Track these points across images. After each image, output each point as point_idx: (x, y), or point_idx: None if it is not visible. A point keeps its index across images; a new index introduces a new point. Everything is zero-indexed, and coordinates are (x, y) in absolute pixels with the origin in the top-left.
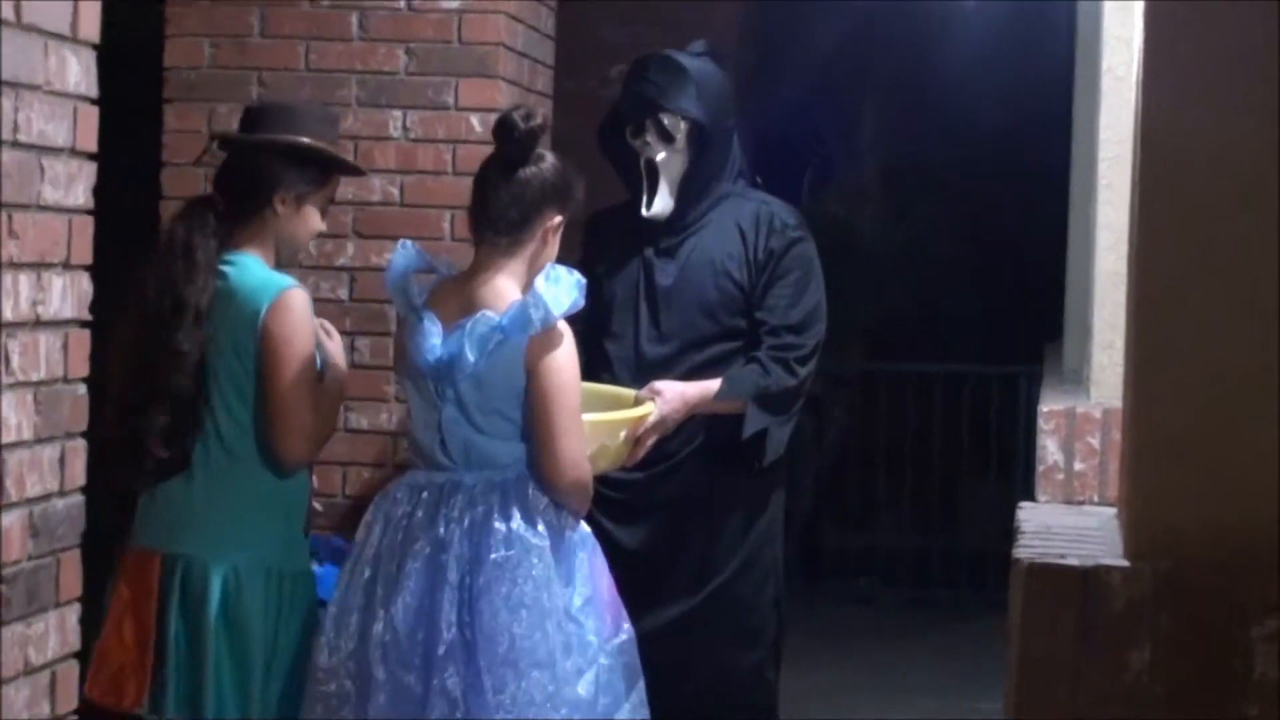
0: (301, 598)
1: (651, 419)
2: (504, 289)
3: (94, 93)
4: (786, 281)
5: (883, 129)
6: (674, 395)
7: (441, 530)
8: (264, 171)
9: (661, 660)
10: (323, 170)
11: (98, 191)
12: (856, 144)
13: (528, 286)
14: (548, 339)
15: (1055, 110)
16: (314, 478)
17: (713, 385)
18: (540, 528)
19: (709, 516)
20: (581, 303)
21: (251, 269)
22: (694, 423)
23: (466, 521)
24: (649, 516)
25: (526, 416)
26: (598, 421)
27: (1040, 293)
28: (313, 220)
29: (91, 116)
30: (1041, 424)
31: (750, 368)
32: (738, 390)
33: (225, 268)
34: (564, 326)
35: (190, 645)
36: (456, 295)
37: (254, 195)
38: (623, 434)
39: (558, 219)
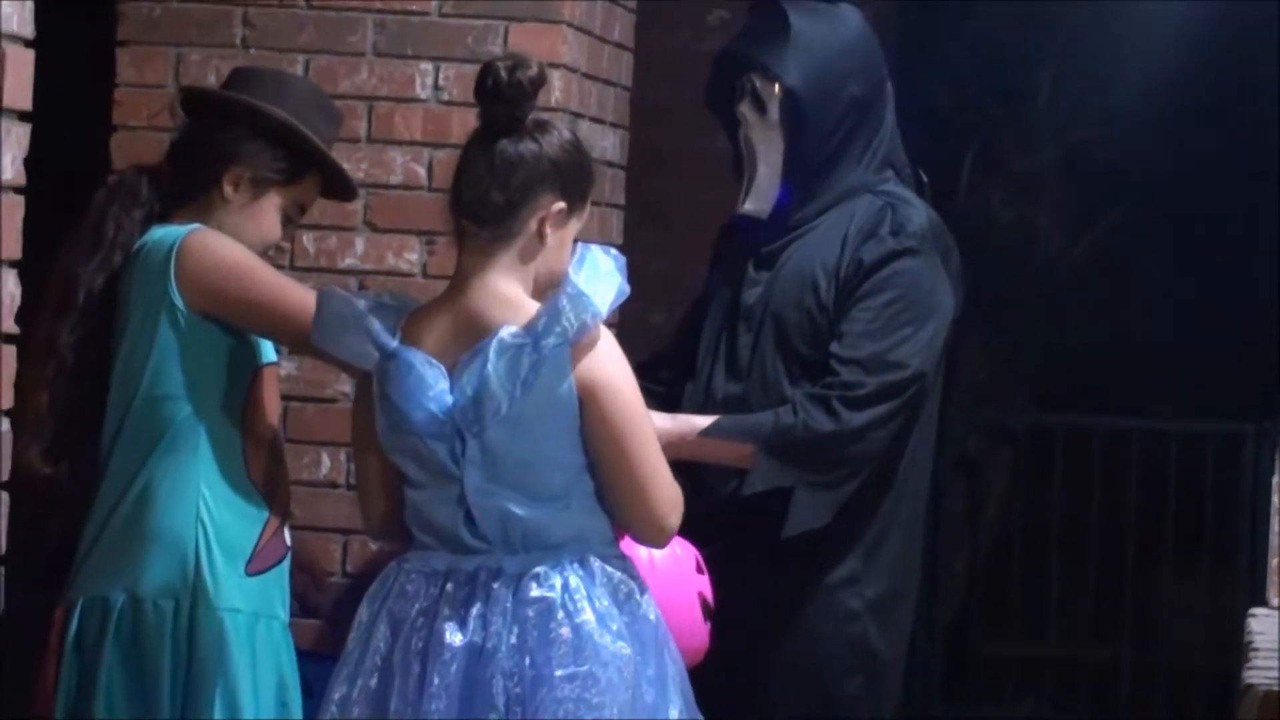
0: (228, 646)
1: None
2: (509, 293)
3: (28, 31)
4: (870, 305)
5: (1066, 102)
6: None
7: (479, 636)
8: (221, 139)
9: None
10: (296, 162)
11: (32, 163)
12: (1031, 121)
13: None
14: (593, 346)
15: None
16: (276, 517)
17: (702, 421)
18: (617, 626)
19: (746, 632)
20: (626, 289)
21: (158, 231)
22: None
23: (515, 626)
24: None
25: (591, 459)
26: None
27: (1272, 329)
28: (267, 220)
29: (25, 62)
30: (1277, 499)
31: (779, 408)
32: (740, 429)
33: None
34: (603, 327)
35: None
36: (443, 321)
37: (203, 166)
38: None
39: (557, 206)
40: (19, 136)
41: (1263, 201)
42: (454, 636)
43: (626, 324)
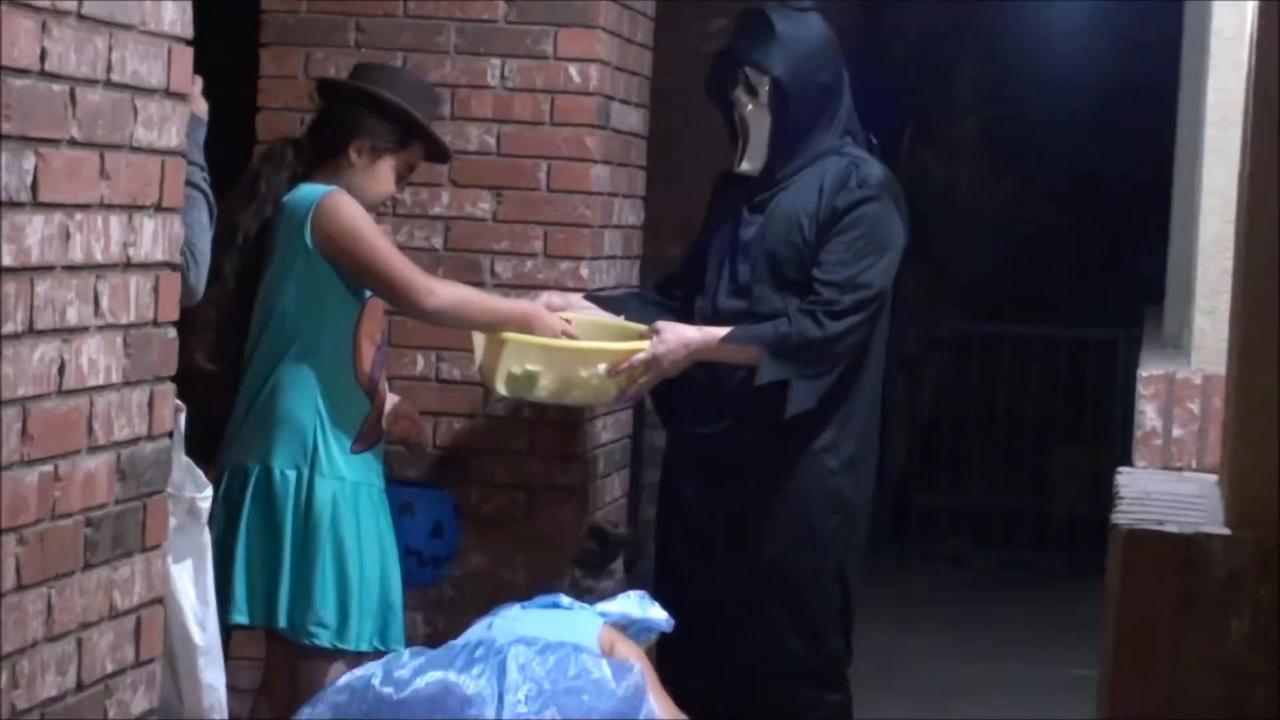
0: (338, 506)
1: (640, 356)
2: None
3: (189, 34)
4: (843, 239)
5: (981, 87)
6: (673, 336)
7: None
8: (347, 117)
9: (712, 630)
10: (404, 133)
11: None
12: (954, 102)
13: None
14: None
15: (1160, 69)
16: (383, 397)
17: (720, 331)
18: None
19: (751, 484)
20: (661, 627)
21: (303, 188)
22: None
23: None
24: (710, 476)
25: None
26: (571, 349)
27: (1141, 255)
28: (384, 179)
29: (186, 57)
30: (1141, 389)
31: (777, 320)
32: (749, 336)
33: (287, 198)
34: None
35: (224, 549)
36: None
37: (334, 138)
38: (601, 367)
39: None
40: (181, 114)
41: (1136, 159)
42: None
43: (650, 255)
